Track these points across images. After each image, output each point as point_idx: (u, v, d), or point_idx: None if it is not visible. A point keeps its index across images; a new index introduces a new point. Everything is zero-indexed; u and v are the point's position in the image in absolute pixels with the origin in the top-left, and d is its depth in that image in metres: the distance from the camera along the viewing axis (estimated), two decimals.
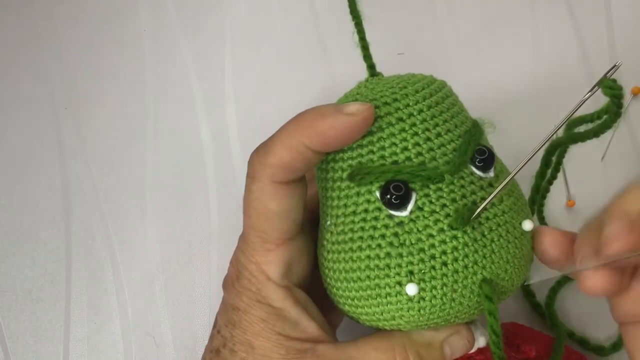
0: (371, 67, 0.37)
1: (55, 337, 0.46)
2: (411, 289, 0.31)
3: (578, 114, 0.30)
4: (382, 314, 0.33)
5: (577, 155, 0.38)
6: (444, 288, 0.31)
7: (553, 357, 0.39)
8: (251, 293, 0.35)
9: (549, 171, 0.37)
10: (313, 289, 0.37)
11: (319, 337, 0.34)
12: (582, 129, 0.31)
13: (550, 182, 0.39)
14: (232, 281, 0.36)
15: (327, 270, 0.35)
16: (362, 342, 0.34)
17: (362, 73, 0.38)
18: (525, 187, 0.39)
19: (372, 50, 0.37)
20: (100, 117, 0.51)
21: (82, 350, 0.46)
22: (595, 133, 0.30)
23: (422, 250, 0.31)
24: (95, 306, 0.47)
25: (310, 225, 0.37)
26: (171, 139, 0.50)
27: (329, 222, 0.35)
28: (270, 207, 0.33)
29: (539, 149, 0.30)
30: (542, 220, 0.42)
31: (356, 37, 0.37)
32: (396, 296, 0.32)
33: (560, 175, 0.39)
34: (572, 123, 0.31)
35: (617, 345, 0.43)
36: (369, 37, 0.37)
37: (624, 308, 0.30)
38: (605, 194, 0.45)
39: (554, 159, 0.36)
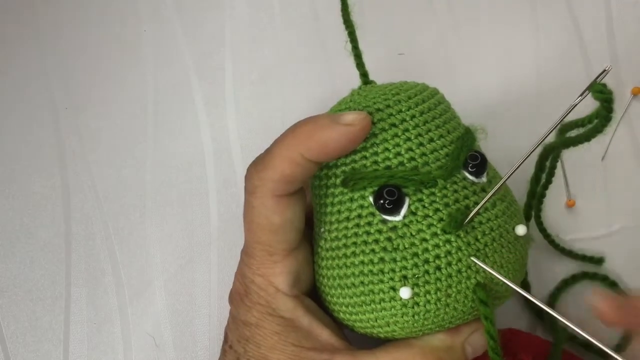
0: (364, 75, 0.37)
1: (55, 337, 0.46)
2: (405, 293, 0.31)
3: (570, 117, 0.30)
4: (376, 320, 0.33)
5: (577, 155, 0.37)
6: (438, 293, 0.31)
7: None
8: (261, 307, 0.35)
9: (544, 176, 0.37)
10: (318, 295, 0.37)
11: (334, 345, 0.34)
12: (574, 133, 0.31)
13: (545, 187, 0.38)
14: (240, 296, 0.36)
15: (321, 278, 0.35)
16: (381, 353, 0.34)
17: None
18: (521, 193, 0.39)
19: (373, 51, 0.37)
20: (100, 117, 0.51)
21: (82, 351, 0.46)
22: (587, 137, 0.29)
23: (415, 254, 0.31)
24: (95, 306, 0.47)
25: (311, 233, 0.37)
26: (171, 139, 0.50)
27: (322, 229, 0.35)
28: (274, 220, 0.33)
29: (529, 154, 0.30)
30: (540, 226, 0.42)
31: (349, 46, 0.37)
32: (390, 301, 0.32)
33: (557, 177, 0.39)
34: (564, 127, 0.31)
35: (620, 347, 0.43)
36: (370, 38, 0.37)
37: None
38: (605, 194, 0.45)
39: (547, 163, 0.36)
